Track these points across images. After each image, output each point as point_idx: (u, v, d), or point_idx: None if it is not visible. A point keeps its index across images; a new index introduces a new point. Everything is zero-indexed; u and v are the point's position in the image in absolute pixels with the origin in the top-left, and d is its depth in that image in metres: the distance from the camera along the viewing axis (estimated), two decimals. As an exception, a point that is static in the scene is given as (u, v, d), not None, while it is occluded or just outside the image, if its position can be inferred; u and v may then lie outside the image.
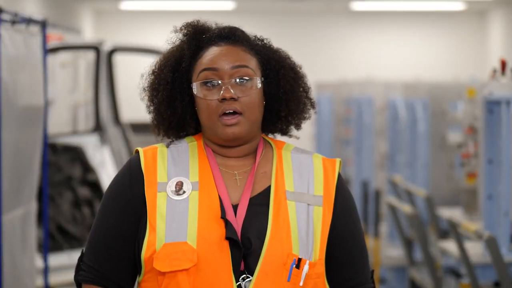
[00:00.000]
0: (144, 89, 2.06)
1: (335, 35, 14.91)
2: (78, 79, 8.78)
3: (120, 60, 7.45)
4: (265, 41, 2.08)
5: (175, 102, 2.02)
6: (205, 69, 2.00)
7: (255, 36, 2.08)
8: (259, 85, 2.01)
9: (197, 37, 2.04)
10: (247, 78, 1.99)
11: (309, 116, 2.10)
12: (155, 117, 2.05)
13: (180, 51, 2.04)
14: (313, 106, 2.10)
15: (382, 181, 7.65)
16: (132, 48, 7.45)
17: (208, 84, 1.99)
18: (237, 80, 1.99)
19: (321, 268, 1.96)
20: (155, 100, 2.04)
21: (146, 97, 2.06)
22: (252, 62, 2.02)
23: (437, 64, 14.72)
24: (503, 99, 4.10)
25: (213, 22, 2.08)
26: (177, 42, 2.06)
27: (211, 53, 2.01)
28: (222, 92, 1.97)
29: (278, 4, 13.87)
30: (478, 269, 4.20)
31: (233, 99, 1.97)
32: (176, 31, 2.07)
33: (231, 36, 2.04)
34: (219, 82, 1.98)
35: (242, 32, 2.06)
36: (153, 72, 2.06)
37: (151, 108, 2.06)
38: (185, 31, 2.06)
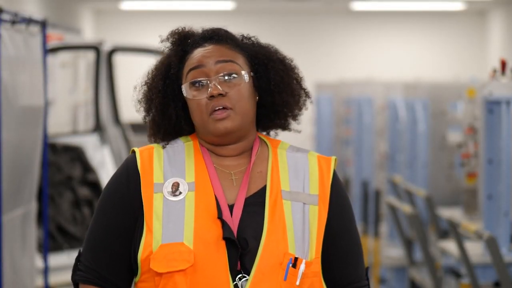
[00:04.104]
0: (139, 101, 2.08)
1: (335, 35, 14.91)
2: (78, 79, 8.78)
3: (120, 60, 7.45)
4: (252, 39, 2.10)
5: (169, 109, 2.04)
6: (191, 69, 2.02)
7: (242, 35, 2.10)
8: (247, 79, 2.02)
9: (183, 42, 2.07)
10: (234, 74, 2.01)
11: (305, 106, 2.11)
12: (152, 126, 2.07)
13: (168, 59, 2.06)
14: (308, 95, 2.11)
15: (382, 181, 7.65)
16: (132, 48, 7.45)
17: (197, 85, 2.01)
18: (225, 77, 2.00)
19: (318, 267, 1.97)
20: (150, 110, 2.06)
21: (142, 108, 2.08)
22: (238, 58, 2.04)
23: (437, 64, 14.72)
24: (503, 99, 4.10)
25: (199, 27, 2.11)
26: (166, 51, 2.09)
27: (196, 54, 2.03)
28: (209, 89, 1.99)
29: (278, 4, 13.87)
30: (478, 269, 4.20)
31: (221, 95, 1.98)
32: (162, 41, 2.09)
33: (215, 36, 2.06)
34: (207, 81, 2.00)
35: (226, 31, 2.08)
36: (146, 83, 2.08)
37: (147, 118, 2.08)
38: (172, 39, 2.08)
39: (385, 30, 14.93)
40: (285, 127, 2.11)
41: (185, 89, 2.02)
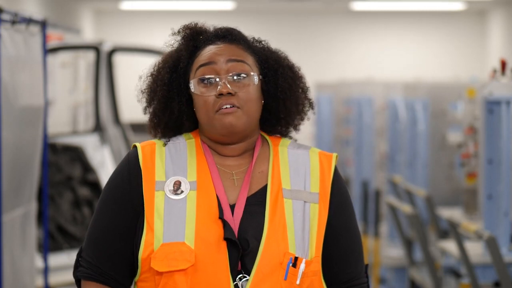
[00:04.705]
0: (142, 91, 2.07)
1: (335, 35, 14.91)
2: (78, 79, 8.79)
3: (120, 60, 7.45)
4: (263, 42, 2.10)
5: (172, 103, 2.03)
6: (201, 65, 2.01)
7: (253, 38, 2.10)
8: (256, 81, 2.02)
9: (195, 38, 2.06)
10: (244, 75, 2.00)
11: (308, 116, 2.11)
12: (152, 119, 2.06)
13: (177, 53, 2.06)
14: (311, 106, 2.11)
15: (382, 181, 7.65)
16: (132, 48, 7.45)
17: (205, 82, 2.00)
18: (234, 77, 2.00)
19: (317, 266, 1.97)
20: (153, 102, 2.05)
21: (144, 99, 2.08)
22: (249, 59, 2.03)
23: (437, 64, 14.73)
24: (503, 99, 4.10)
25: (210, 24, 2.10)
26: (175, 45, 2.08)
27: (208, 51, 2.03)
28: (219, 87, 1.98)
29: (278, 4, 13.87)
30: (478, 269, 4.20)
31: (230, 94, 1.98)
32: (174, 34, 2.09)
33: (228, 35, 2.06)
34: (217, 79, 1.99)
35: (239, 32, 2.08)
36: (151, 75, 2.07)
37: (148, 109, 2.07)
38: (183, 33, 2.08)
39: (385, 30, 14.93)
40: (285, 134, 2.11)
41: (193, 85, 2.01)
